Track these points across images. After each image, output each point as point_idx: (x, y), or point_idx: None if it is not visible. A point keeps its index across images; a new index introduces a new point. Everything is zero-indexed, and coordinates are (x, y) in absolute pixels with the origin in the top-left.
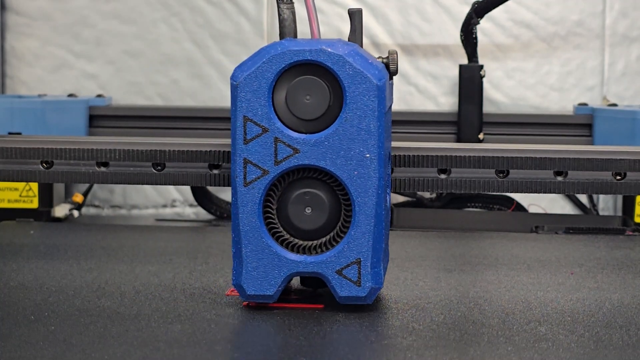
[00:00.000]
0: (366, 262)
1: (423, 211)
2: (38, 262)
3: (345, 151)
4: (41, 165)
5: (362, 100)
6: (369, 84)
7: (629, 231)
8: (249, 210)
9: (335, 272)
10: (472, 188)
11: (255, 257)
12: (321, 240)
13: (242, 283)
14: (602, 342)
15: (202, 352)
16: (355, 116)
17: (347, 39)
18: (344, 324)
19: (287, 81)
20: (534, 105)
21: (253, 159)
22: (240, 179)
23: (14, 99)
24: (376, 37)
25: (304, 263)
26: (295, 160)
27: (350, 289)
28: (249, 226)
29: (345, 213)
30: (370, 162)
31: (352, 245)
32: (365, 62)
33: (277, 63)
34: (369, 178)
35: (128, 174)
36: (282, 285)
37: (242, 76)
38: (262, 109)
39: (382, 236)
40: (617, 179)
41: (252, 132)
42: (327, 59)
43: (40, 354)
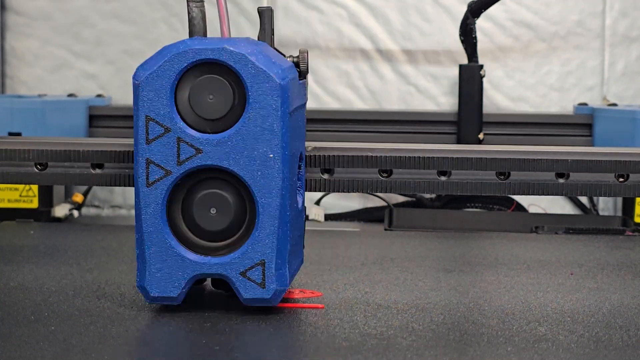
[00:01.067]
0: (270, 264)
1: (423, 211)
2: (38, 262)
3: (248, 151)
4: (35, 167)
5: (265, 100)
6: (272, 83)
7: (629, 231)
8: (151, 211)
9: (239, 274)
10: (473, 190)
11: (159, 258)
12: (226, 241)
13: (146, 285)
14: (602, 343)
15: (201, 352)
16: (259, 116)
17: (257, 38)
18: (343, 324)
19: (190, 80)
20: (534, 105)
21: (155, 159)
22: (143, 179)
23: (14, 99)
24: (376, 37)
25: (208, 264)
26: (198, 160)
27: (254, 291)
28: (152, 227)
29: (250, 214)
30: (273, 162)
31: (256, 246)
32: (269, 61)
33: (179, 62)
34: (272, 179)
35: (123, 176)
36: (186, 286)
37: (144, 75)
38: (164, 109)
39: (288, 237)
40: (619, 180)
41: (155, 131)
42: (229, 58)
43: (40, 354)
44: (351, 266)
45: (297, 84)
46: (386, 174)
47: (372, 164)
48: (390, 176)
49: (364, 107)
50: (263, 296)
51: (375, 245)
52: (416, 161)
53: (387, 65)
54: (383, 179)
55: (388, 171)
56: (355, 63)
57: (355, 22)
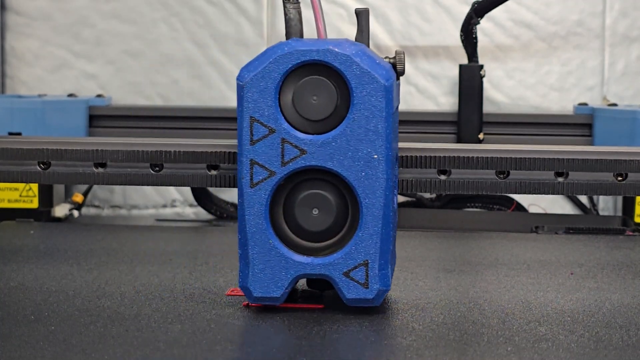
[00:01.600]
0: (374, 264)
1: (423, 211)
2: (38, 262)
3: (352, 152)
4: (38, 166)
5: (370, 101)
6: (377, 85)
7: (629, 231)
8: (255, 211)
9: (342, 274)
10: (473, 189)
11: (262, 259)
12: (328, 241)
13: (249, 285)
14: (602, 342)
15: (202, 353)
16: (363, 117)
17: (354, 39)
18: (344, 324)
19: (294, 81)
20: (534, 105)
21: (260, 160)
22: (247, 180)
23: (14, 99)
24: (376, 37)
25: (311, 265)
26: (302, 161)
27: (357, 291)
28: (256, 228)
29: (353, 214)
30: (378, 163)
31: (360, 247)
32: (373, 63)
33: (283, 63)
34: (376, 179)
35: (126, 175)
36: (289, 287)
37: (249, 76)
38: (268, 110)
39: (390, 238)
40: (618, 179)
41: (259, 132)
42: (334, 59)
43: (40, 354)
44: None
45: (396, 85)
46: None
47: None
48: None
49: None
50: (366, 296)
51: None
52: (416, 160)
53: None
54: None
55: None
56: None
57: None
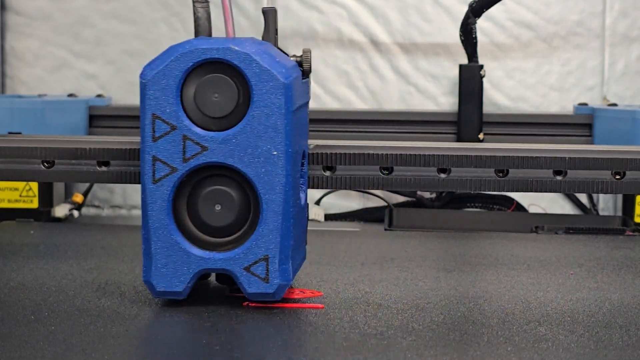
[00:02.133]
0: (274, 259)
1: (423, 211)
2: (38, 262)
3: (252, 149)
4: (42, 164)
5: (269, 98)
6: (276, 82)
7: (629, 231)
8: (158, 207)
9: (243, 269)
10: (472, 187)
11: (165, 253)
12: (230, 237)
13: (152, 279)
14: (602, 342)
15: (202, 352)
16: (263, 114)
17: (262, 38)
18: (343, 324)
19: (195, 79)
20: (534, 105)
21: (161, 157)
22: (149, 176)
23: (14, 99)
24: (376, 36)
25: (212, 260)
26: (203, 157)
27: (258, 286)
28: (158, 223)
29: (254, 210)
30: (277, 159)
31: (260, 242)
32: (273, 61)
33: (185, 61)
34: (276, 175)
35: (129, 173)
36: (191, 281)
37: (151, 74)
38: (170, 107)
39: (291, 233)
40: (616, 178)
41: (161, 129)
42: (234, 57)
43: (40, 354)
44: (351, 266)
45: (301, 82)
46: (387, 171)
47: (373, 162)
48: (391, 173)
49: (364, 107)
50: (267, 291)
51: (375, 245)
52: (416, 159)
53: (387, 65)
54: (384, 176)
55: (389, 168)
56: (355, 63)
57: (355, 22)
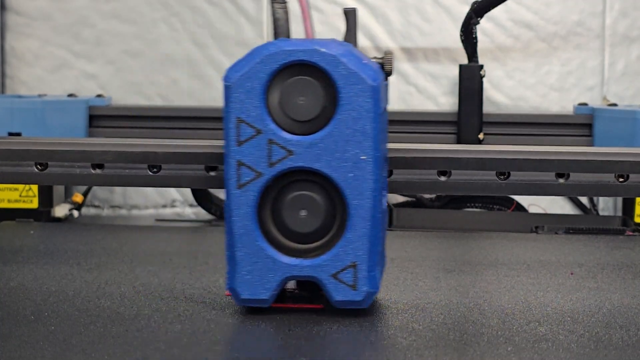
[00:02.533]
0: (362, 266)
1: (423, 211)
2: (38, 262)
3: (340, 153)
4: (35, 167)
5: (357, 102)
6: (364, 85)
7: (629, 231)
8: (242, 213)
9: (330, 276)
10: (473, 190)
11: (250, 260)
12: (317, 243)
13: (236, 287)
14: (602, 342)
15: (202, 352)
16: (350, 117)
17: (343, 39)
18: (343, 324)
19: (280, 82)
20: (534, 105)
21: (246, 161)
22: (234, 181)
23: (14, 99)
24: (376, 37)
25: (299, 267)
26: (289, 162)
27: (345, 293)
28: (243, 229)
29: (341, 216)
30: (366, 164)
31: (348, 248)
32: (360, 63)
33: (270, 63)
34: (364, 180)
35: (123, 176)
36: (276, 289)
37: (235, 77)
38: (255, 110)
39: (379, 239)
40: (619, 180)
41: (246, 133)
42: (320, 60)
43: (40, 354)
44: None
45: (384, 85)
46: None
47: None
48: (390, 176)
49: None
50: (354, 298)
51: None
52: (416, 161)
53: None
54: None
55: (388, 171)
56: None
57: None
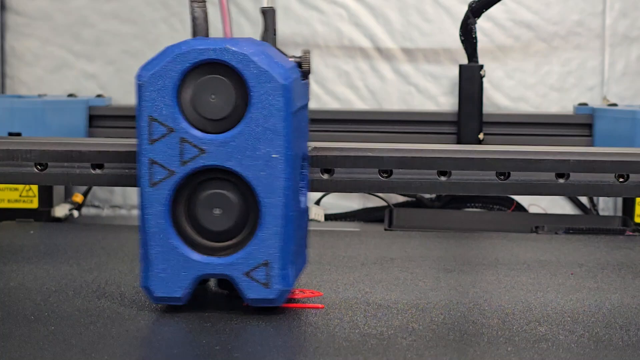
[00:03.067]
0: (274, 264)
1: (423, 211)
2: (38, 262)
3: (251, 151)
4: (35, 167)
5: (268, 100)
6: (274, 84)
7: (629, 231)
8: (155, 211)
9: (243, 274)
10: (473, 190)
11: (163, 258)
12: (230, 241)
13: (150, 285)
14: (602, 343)
15: (201, 352)
16: (261, 116)
17: (260, 38)
18: (343, 324)
19: (192, 80)
20: (534, 105)
21: (159, 160)
22: (146, 180)
23: (14, 99)
24: (376, 37)
25: (212, 265)
26: (201, 160)
27: (259, 291)
28: (156, 227)
29: (254, 214)
30: (277, 162)
31: (260, 247)
32: (271, 61)
33: (182, 62)
34: (275, 179)
35: (123, 176)
36: (190, 287)
37: (147, 75)
38: (167, 109)
39: (292, 237)
40: (619, 181)
41: (158, 132)
42: (231, 58)
43: (40, 354)
44: (351, 266)
45: (300, 83)
46: (386, 174)
47: (372, 164)
48: (390, 176)
49: (364, 107)
50: (267, 296)
51: (375, 245)
52: (416, 161)
53: (387, 65)
54: (383, 179)
55: (388, 171)
56: (355, 63)
57: (355, 22)
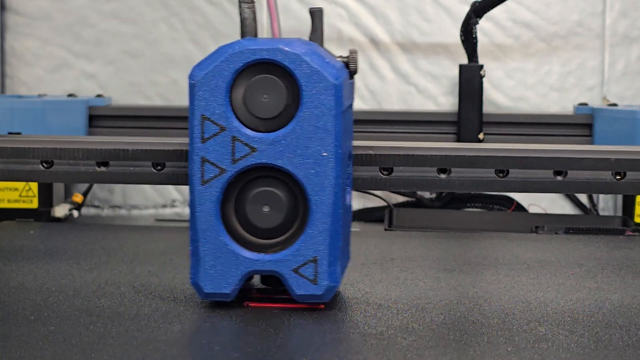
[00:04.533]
0: (323, 261)
1: (423, 211)
2: (38, 262)
3: (302, 150)
4: (41, 165)
5: (319, 99)
6: (326, 83)
7: (629, 231)
8: (206, 208)
9: (291, 271)
10: (472, 187)
11: (213, 255)
12: (279, 238)
13: (200, 281)
14: (602, 343)
15: (202, 352)
16: (312, 115)
17: (309, 38)
18: (344, 324)
19: (245, 80)
20: (534, 105)
21: (210, 158)
22: (198, 178)
23: (14, 99)
24: (376, 36)
25: (261, 261)
26: (252, 159)
27: (306, 288)
28: (207, 224)
29: (303, 212)
30: (327, 160)
31: (309, 243)
32: (322, 61)
33: (234, 62)
34: (325, 177)
35: (128, 173)
36: (239, 283)
37: (200, 75)
38: (219, 108)
39: (339, 235)
40: (617, 178)
41: (210, 130)
42: (283, 58)
43: (40, 354)
44: (351, 266)
45: (348, 83)
46: (387, 172)
47: (373, 162)
48: (391, 174)
49: (364, 107)
50: (315, 292)
51: (375, 245)
52: (416, 159)
53: (387, 65)
54: (383, 176)
55: (388, 169)
56: None
57: (355, 22)
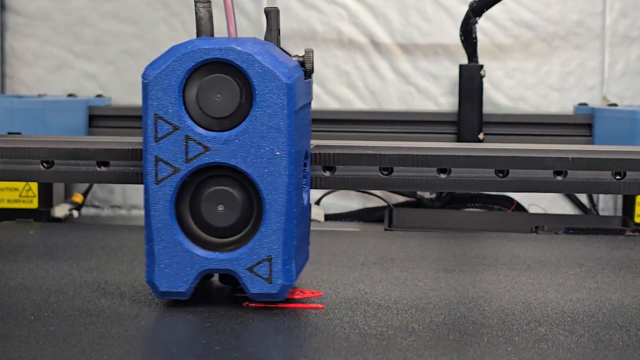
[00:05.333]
0: (277, 260)
1: (423, 211)
2: (38, 262)
3: (255, 149)
4: (41, 165)
5: (272, 99)
6: (278, 82)
7: (629, 231)
8: (160, 207)
9: (246, 269)
10: (472, 187)
11: (168, 254)
12: (233, 237)
13: (155, 280)
14: (602, 343)
15: (202, 352)
16: (265, 114)
17: (264, 38)
18: (343, 324)
19: (198, 79)
20: (534, 105)
21: (164, 157)
22: (152, 177)
23: (14, 99)
24: (376, 36)
25: (215, 260)
26: (206, 158)
27: (261, 286)
28: (161, 223)
29: (257, 211)
30: (280, 159)
31: (263, 242)
32: (275, 61)
33: (187, 61)
34: (279, 176)
35: (128, 173)
36: (194, 282)
37: (153, 74)
38: (172, 107)
39: (294, 233)
40: (616, 178)
41: (163, 130)
42: (236, 57)
43: (40, 354)
44: (351, 266)
45: (303, 82)
46: (387, 172)
47: (373, 162)
48: (391, 174)
49: (364, 107)
50: (270, 291)
51: (375, 245)
52: (416, 159)
53: (387, 65)
54: (384, 176)
55: (389, 169)
56: (355, 63)
57: (355, 21)
